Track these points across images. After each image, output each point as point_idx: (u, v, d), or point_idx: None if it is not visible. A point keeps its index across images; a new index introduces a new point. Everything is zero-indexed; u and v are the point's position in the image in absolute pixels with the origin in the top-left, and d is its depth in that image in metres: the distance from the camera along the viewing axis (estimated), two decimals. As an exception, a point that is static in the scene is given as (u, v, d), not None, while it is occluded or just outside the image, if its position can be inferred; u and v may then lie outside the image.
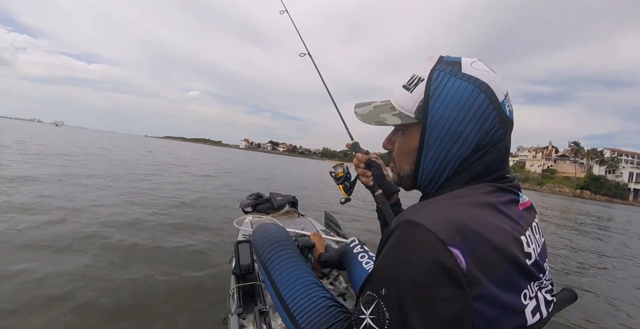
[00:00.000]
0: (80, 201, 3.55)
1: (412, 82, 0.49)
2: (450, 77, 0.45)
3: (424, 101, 0.47)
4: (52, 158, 7.44)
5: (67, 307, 1.54)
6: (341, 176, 0.94)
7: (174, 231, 2.95)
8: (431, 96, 0.46)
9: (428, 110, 0.46)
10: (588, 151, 60.20)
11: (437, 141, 0.46)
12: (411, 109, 0.48)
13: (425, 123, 0.46)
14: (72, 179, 4.90)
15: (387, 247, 0.38)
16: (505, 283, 0.36)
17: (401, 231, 0.37)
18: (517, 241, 0.39)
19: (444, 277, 0.32)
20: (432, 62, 0.48)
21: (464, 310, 0.32)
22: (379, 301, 0.35)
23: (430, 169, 0.49)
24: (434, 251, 0.33)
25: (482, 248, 0.35)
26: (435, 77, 0.46)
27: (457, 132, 0.45)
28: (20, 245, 2.15)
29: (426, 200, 0.47)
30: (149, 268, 2.09)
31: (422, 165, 0.49)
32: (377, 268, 0.38)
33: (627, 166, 53.40)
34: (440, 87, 0.45)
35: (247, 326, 1.05)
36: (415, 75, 0.49)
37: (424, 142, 0.47)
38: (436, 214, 0.38)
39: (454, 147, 0.46)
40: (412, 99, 0.48)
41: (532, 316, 0.38)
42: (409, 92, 0.49)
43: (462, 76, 0.45)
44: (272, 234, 0.86)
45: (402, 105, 0.50)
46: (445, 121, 0.45)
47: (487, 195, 0.43)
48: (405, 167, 0.52)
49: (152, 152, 16.62)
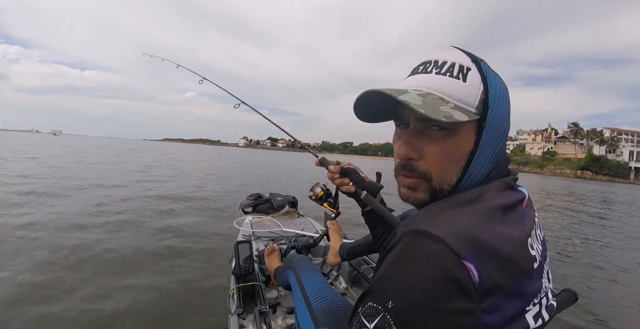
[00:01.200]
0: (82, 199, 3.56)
1: (453, 70, 0.41)
2: (492, 71, 0.43)
3: (485, 94, 0.40)
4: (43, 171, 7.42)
5: (66, 305, 1.57)
6: (322, 194, 0.93)
7: (174, 230, 2.97)
8: (490, 89, 0.41)
9: (489, 104, 0.40)
10: (587, 131, 59.83)
11: (491, 139, 0.42)
12: (472, 102, 0.40)
13: (485, 119, 0.40)
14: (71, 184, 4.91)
15: (395, 256, 0.35)
16: (513, 293, 0.35)
17: (411, 241, 0.35)
18: (525, 247, 0.38)
19: (456, 291, 0.31)
20: (455, 51, 0.43)
21: (474, 324, 0.31)
22: (384, 314, 0.33)
23: (477, 173, 0.43)
24: (448, 264, 0.32)
25: (494, 260, 0.34)
26: (485, 68, 0.41)
27: (503, 128, 0.43)
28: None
29: (435, 205, 0.42)
30: (148, 269, 2.11)
31: (471, 170, 0.42)
32: (383, 278, 0.35)
33: (627, 145, 53.14)
34: (492, 80, 0.41)
35: (247, 326, 1.07)
36: (450, 62, 0.42)
37: (479, 143, 0.41)
38: (449, 223, 0.35)
39: (499, 144, 0.43)
40: (471, 90, 0.40)
41: (534, 321, 0.38)
42: (461, 81, 0.40)
43: (493, 71, 0.43)
44: (306, 260, 1.12)
45: (458, 96, 0.40)
46: (499, 116, 0.42)
47: (499, 196, 0.41)
48: (451, 179, 0.43)
49: (139, 157, 16.49)
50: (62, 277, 1.92)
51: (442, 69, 0.41)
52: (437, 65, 0.42)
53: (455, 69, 0.41)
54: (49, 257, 2.17)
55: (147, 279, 1.98)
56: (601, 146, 55.62)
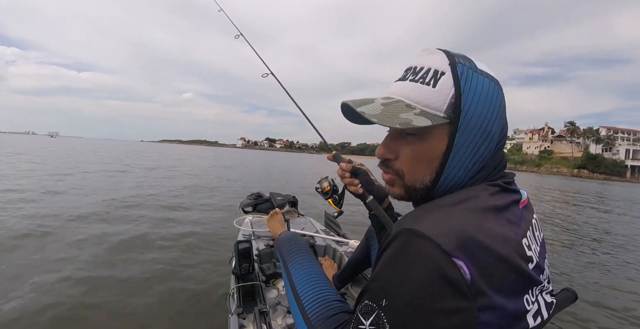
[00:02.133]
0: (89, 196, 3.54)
1: (427, 76, 0.43)
2: (473, 72, 0.42)
3: (455, 97, 0.41)
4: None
5: (63, 303, 1.55)
6: (328, 189, 0.91)
7: (173, 230, 2.96)
8: (463, 91, 0.41)
9: (461, 108, 0.41)
10: (584, 130, 60.38)
11: (468, 141, 0.42)
12: (440, 107, 0.41)
13: (457, 123, 0.41)
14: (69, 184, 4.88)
15: (388, 256, 0.37)
16: (509, 291, 0.35)
17: (403, 240, 0.36)
18: (520, 247, 0.39)
19: (447, 289, 0.32)
20: (438, 54, 0.44)
21: (469, 322, 0.32)
22: (379, 312, 0.34)
23: (454, 175, 0.44)
24: (438, 262, 0.32)
25: (486, 258, 0.34)
26: (461, 70, 0.42)
27: (487, 129, 0.43)
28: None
29: (428, 205, 0.43)
30: (148, 269, 2.10)
31: (447, 172, 0.43)
32: (377, 277, 0.37)
33: (624, 143, 53.70)
34: (468, 82, 0.42)
35: (247, 326, 1.06)
36: (424, 68, 0.44)
37: (452, 146, 0.42)
38: (440, 223, 0.36)
39: (483, 146, 0.43)
40: (439, 94, 0.42)
41: (533, 320, 0.38)
42: (431, 87, 0.42)
43: (480, 72, 0.43)
44: (294, 238, 0.92)
45: (425, 102, 0.42)
46: (477, 118, 0.42)
47: (491, 197, 0.41)
48: (423, 178, 0.45)
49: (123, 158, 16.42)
50: (60, 277, 1.90)
51: (417, 76, 0.44)
52: (414, 72, 0.45)
53: (429, 74, 0.43)
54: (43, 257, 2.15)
55: (146, 278, 1.97)
56: (597, 144, 56.16)
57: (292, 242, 0.89)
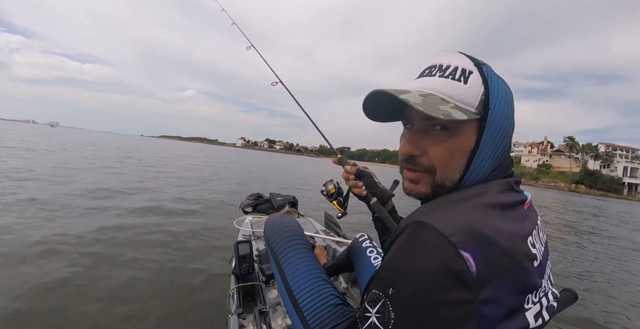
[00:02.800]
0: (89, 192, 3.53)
1: (456, 73, 0.44)
2: (494, 75, 0.45)
3: (485, 95, 0.43)
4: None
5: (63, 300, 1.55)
6: (333, 192, 0.93)
7: (173, 230, 2.95)
8: (491, 91, 0.43)
9: (489, 105, 0.43)
10: (583, 145, 60.69)
11: (492, 139, 0.44)
12: (473, 103, 0.42)
13: (486, 119, 0.43)
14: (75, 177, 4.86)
15: (396, 246, 0.37)
16: (512, 287, 0.36)
17: (411, 232, 0.37)
18: (525, 244, 0.39)
19: (453, 280, 0.32)
20: (459, 55, 0.46)
21: (471, 314, 0.32)
22: (385, 300, 0.35)
23: (479, 171, 0.45)
24: (445, 253, 0.33)
25: (492, 252, 0.35)
26: (487, 72, 0.44)
27: (505, 128, 0.45)
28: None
29: (438, 200, 0.44)
30: (146, 268, 2.09)
31: (472, 168, 0.44)
32: (385, 267, 0.38)
33: (622, 161, 53.99)
34: (494, 82, 0.44)
35: (247, 326, 1.06)
36: (451, 66, 0.44)
37: (480, 142, 0.43)
38: (448, 216, 0.37)
39: (501, 144, 0.45)
40: (471, 91, 0.43)
41: (534, 320, 0.38)
42: (463, 83, 0.43)
43: (497, 76, 0.46)
44: (285, 226, 0.84)
45: (458, 97, 0.43)
46: (501, 117, 0.44)
47: (500, 195, 0.42)
48: (454, 175, 0.45)
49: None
50: (52, 279, 1.89)
51: (445, 73, 0.44)
52: (440, 69, 0.45)
53: (457, 72, 0.44)
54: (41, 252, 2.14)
55: (146, 279, 1.95)
56: (596, 160, 56.41)
57: (283, 230, 0.81)
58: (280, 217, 0.90)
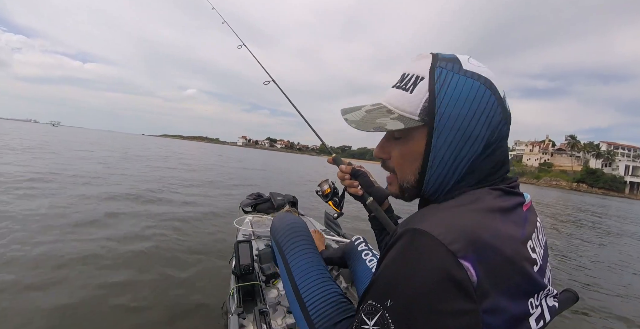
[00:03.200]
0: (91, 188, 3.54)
1: (409, 82, 0.45)
2: (454, 74, 0.43)
3: (429, 101, 0.43)
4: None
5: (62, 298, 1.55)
6: (328, 192, 0.91)
7: (173, 230, 2.95)
8: (437, 95, 0.42)
9: (435, 110, 0.42)
10: (584, 144, 60.47)
11: (447, 142, 0.43)
12: (414, 111, 0.44)
13: (432, 125, 0.43)
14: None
15: (393, 255, 0.36)
16: (514, 294, 0.35)
17: (409, 240, 0.35)
18: (525, 249, 0.39)
19: (454, 290, 0.31)
20: (426, 59, 0.45)
21: (474, 324, 0.31)
22: (383, 312, 0.34)
23: (439, 174, 0.45)
24: (444, 263, 0.32)
25: (493, 259, 0.34)
26: (438, 74, 0.43)
27: (467, 130, 0.42)
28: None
29: (434, 206, 0.44)
30: (146, 268, 2.09)
31: (429, 172, 0.45)
32: (382, 277, 0.36)
33: (623, 159, 53.77)
34: (445, 85, 0.43)
35: (247, 326, 1.06)
36: (410, 74, 0.46)
37: (431, 147, 0.44)
38: (446, 222, 0.36)
39: (465, 147, 0.43)
40: (414, 99, 0.44)
41: (536, 324, 0.38)
42: (408, 92, 0.45)
43: (464, 73, 0.43)
44: (292, 224, 0.87)
45: (402, 107, 0.45)
46: (455, 119, 0.42)
47: (496, 200, 0.42)
48: (409, 177, 0.48)
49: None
50: (53, 274, 1.90)
51: (401, 82, 0.47)
52: (402, 79, 0.47)
53: (411, 81, 0.46)
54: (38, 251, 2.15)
55: (146, 279, 1.96)
56: (597, 159, 56.22)
57: (289, 227, 0.84)
58: (287, 216, 0.93)
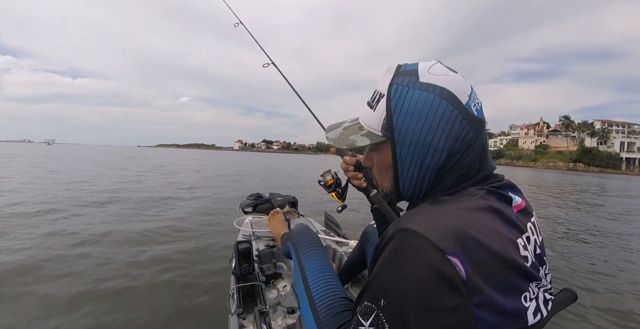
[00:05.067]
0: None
1: (375, 99, 0.49)
2: (409, 89, 0.45)
3: (387, 118, 0.46)
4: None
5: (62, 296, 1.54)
6: (331, 183, 0.90)
7: (173, 230, 2.95)
8: (393, 112, 0.45)
9: (393, 126, 0.46)
10: (579, 123, 60.87)
11: (409, 154, 0.46)
12: (377, 127, 0.48)
13: (394, 139, 0.46)
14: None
15: (384, 256, 0.37)
16: (506, 288, 0.36)
17: (398, 240, 0.37)
18: (514, 245, 0.39)
19: (443, 286, 0.32)
20: (389, 74, 0.48)
21: (466, 319, 0.32)
22: (378, 312, 0.35)
23: (409, 182, 0.48)
24: (432, 260, 0.33)
25: (481, 254, 0.35)
26: (394, 91, 0.46)
27: (426, 143, 0.44)
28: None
29: (422, 206, 0.45)
30: (147, 268, 2.10)
31: (401, 180, 0.49)
32: (374, 278, 0.37)
33: (618, 136, 54.21)
34: (400, 101, 0.45)
35: (247, 326, 1.05)
36: (376, 91, 0.49)
37: (397, 158, 0.47)
38: (433, 221, 0.37)
39: (427, 158, 0.45)
40: (375, 117, 0.48)
41: (533, 317, 0.38)
42: (372, 110, 0.49)
43: (420, 86, 0.44)
44: (310, 233, 1.01)
45: (369, 124, 0.50)
46: (412, 133, 0.44)
47: (483, 199, 0.43)
48: (385, 184, 0.53)
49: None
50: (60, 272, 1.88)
51: (371, 99, 0.51)
52: (372, 95, 0.51)
53: (375, 98, 0.49)
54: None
55: (147, 279, 1.96)
56: (592, 138, 56.66)
57: (306, 236, 0.97)
58: (307, 226, 1.08)
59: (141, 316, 1.57)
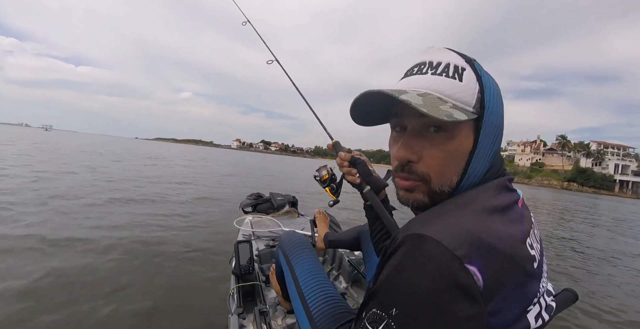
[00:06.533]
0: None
1: (450, 71, 0.41)
2: (484, 71, 0.43)
3: (480, 92, 0.41)
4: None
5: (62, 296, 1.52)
6: (326, 178, 0.92)
7: (173, 230, 2.93)
8: (485, 88, 0.41)
9: (485, 103, 0.41)
10: (575, 144, 61.60)
11: (488, 138, 0.42)
12: (470, 102, 0.40)
13: (482, 119, 0.41)
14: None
15: (397, 261, 0.35)
16: (516, 293, 0.35)
17: (412, 246, 0.34)
18: (525, 247, 0.38)
19: (461, 296, 0.31)
20: (449, 52, 0.43)
21: (480, 327, 0.31)
22: (389, 321, 0.33)
23: (476, 173, 0.43)
24: (451, 269, 0.31)
25: (497, 261, 0.34)
26: (478, 67, 0.42)
27: (499, 126, 0.43)
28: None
29: (433, 209, 0.41)
30: (147, 268, 2.08)
31: (470, 170, 0.42)
32: (385, 284, 0.35)
33: (613, 158, 54.89)
34: (486, 78, 0.42)
35: (247, 326, 1.05)
36: (445, 63, 0.42)
37: (478, 143, 0.41)
38: (449, 226, 0.35)
39: (496, 143, 0.44)
40: (467, 89, 0.40)
41: (535, 321, 0.38)
42: (457, 80, 0.40)
43: (486, 72, 0.43)
44: (297, 237, 1.01)
45: (456, 96, 0.40)
46: (495, 115, 0.42)
47: (496, 197, 0.41)
48: (451, 180, 0.42)
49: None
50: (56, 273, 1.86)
51: (437, 70, 0.41)
52: (432, 66, 0.42)
53: (450, 69, 0.41)
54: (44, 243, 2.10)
55: (146, 279, 1.94)
56: (588, 158, 57.31)
57: (294, 240, 0.96)
58: (293, 232, 1.08)
59: (140, 315, 1.55)
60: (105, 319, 1.50)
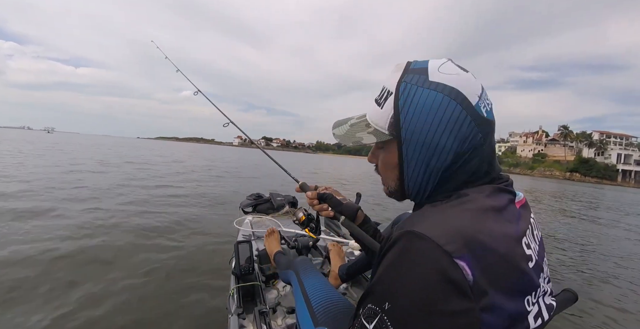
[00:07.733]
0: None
1: (382, 96, 0.48)
2: (418, 88, 0.44)
3: (394, 117, 0.45)
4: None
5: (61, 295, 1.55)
6: (304, 219, 0.96)
7: (173, 230, 2.96)
8: (401, 111, 0.44)
9: (400, 125, 0.45)
10: (577, 134, 61.06)
11: (415, 154, 0.45)
12: (384, 126, 0.47)
13: (400, 138, 0.45)
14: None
15: (390, 258, 0.37)
16: (511, 291, 0.36)
17: (405, 243, 0.36)
18: (520, 246, 0.39)
19: (451, 291, 0.32)
20: (399, 72, 0.47)
21: (473, 323, 0.32)
22: (382, 315, 0.34)
23: (414, 182, 0.48)
24: (440, 264, 0.33)
25: (488, 258, 0.34)
26: (402, 89, 0.45)
27: (432, 143, 0.43)
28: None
29: (428, 207, 0.45)
30: (147, 268, 2.10)
31: (406, 179, 0.49)
32: (379, 280, 0.37)
33: (616, 148, 54.47)
34: (408, 100, 0.44)
35: (247, 326, 1.06)
36: (384, 89, 0.48)
37: (403, 157, 0.47)
38: (441, 224, 0.37)
39: (433, 160, 0.44)
40: (383, 115, 0.47)
41: (534, 321, 0.38)
42: (380, 107, 0.48)
43: (429, 85, 0.43)
44: (305, 260, 1.10)
45: (376, 121, 0.49)
46: (419, 134, 0.44)
47: (488, 198, 0.42)
48: (390, 183, 0.52)
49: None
50: (50, 276, 1.89)
51: (378, 96, 0.50)
52: (380, 92, 0.50)
53: (383, 95, 0.48)
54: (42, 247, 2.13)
55: (146, 279, 1.96)
56: (590, 148, 56.89)
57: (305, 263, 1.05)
58: (307, 258, 1.15)
59: (140, 316, 1.57)
60: (102, 320, 1.52)
